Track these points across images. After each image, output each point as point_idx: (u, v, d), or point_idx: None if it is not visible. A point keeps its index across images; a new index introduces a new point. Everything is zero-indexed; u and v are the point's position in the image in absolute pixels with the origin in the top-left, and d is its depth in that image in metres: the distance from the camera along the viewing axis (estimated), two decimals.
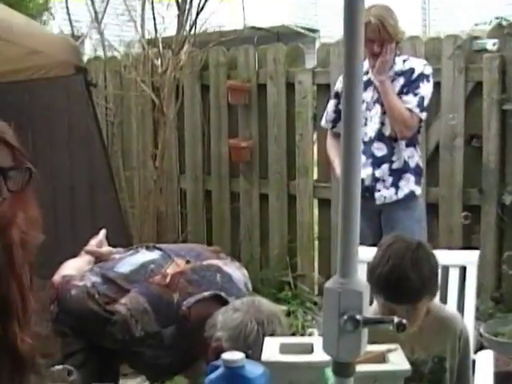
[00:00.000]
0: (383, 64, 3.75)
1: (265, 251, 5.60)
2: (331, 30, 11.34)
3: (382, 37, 3.70)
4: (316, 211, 5.49)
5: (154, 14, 5.81)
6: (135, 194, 6.04)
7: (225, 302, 2.28)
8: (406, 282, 2.09)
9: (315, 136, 5.40)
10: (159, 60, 5.64)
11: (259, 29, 11.30)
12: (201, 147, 5.91)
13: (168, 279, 2.33)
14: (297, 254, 5.44)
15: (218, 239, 5.78)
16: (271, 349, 1.69)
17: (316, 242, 5.49)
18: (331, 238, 5.21)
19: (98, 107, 5.28)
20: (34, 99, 5.56)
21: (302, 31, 14.84)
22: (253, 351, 1.99)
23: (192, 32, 5.53)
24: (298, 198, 5.42)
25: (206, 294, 2.31)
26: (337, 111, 4.12)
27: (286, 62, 5.41)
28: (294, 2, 14.98)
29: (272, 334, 2.04)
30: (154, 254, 2.49)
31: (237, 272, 2.50)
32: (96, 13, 6.05)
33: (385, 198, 3.88)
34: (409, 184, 3.89)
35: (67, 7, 6.06)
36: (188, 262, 2.42)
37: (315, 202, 5.45)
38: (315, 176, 5.45)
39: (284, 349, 1.69)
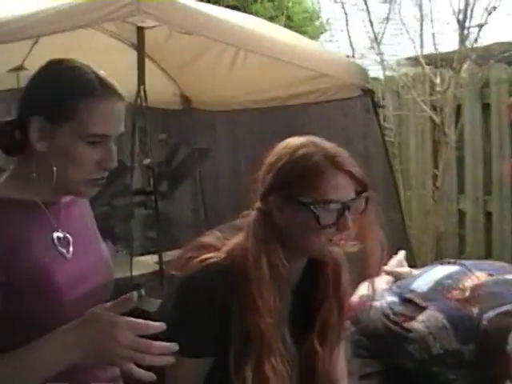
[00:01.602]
0: None
1: None
2: None
3: None
4: None
5: (433, 32, 5.77)
6: (413, 213, 6.00)
7: None
8: None
9: None
10: (438, 78, 5.57)
11: None
12: (482, 167, 5.73)
13: (467, 293, 2.23)
14: None
15: None
16: None
17: None
18: None
19: None
20: (313, 121, 5.74)
21: None
22: None
23: (473, 48, 5.40)
24: None
25: (509, 306, 2.18)
26: None
27: None
28: None
29: None
30: (451, 268, 2.41)
31: None
32: (375, 34, 6.09)
33: None
34: None
35: (347, 30, 6.18)
36: (490, 275, 2.31)
37: None
38: None
39: None
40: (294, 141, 1.74)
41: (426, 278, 2.40)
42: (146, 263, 4.32)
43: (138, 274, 3.74)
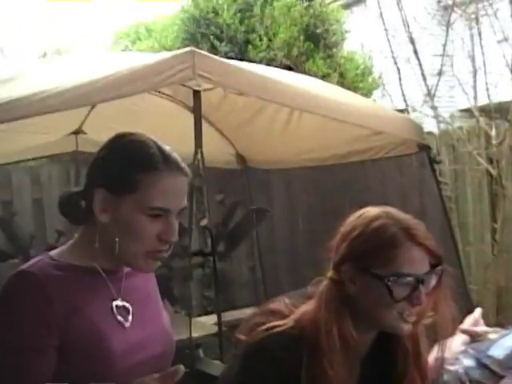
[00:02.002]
0: None
1: None
2: None
3: None
4: None
5: (486, 83, 5.74)
6: (472, 268, 5.89)
7: None
8: None
9: None
10: (493, 130, 5.51)
11: None
12: None
13: None
14: None
15: None
16: None
17: None
18: None
19: None
20: (370, 178, 5.73)
21: None
22: None
23: None
24: None
25: None
26: None
27: None
28: None
29: None
30: None
31: None
32: (428, 87, 6.08)
33: None
34: None
35: (400, 84, 6.17)
36: None
37: None
38: None
39: None
40: (370, 211, 1.74)
41: (504, 344, 2.32)
42: (204, 324, 4.32)
43: (197, 336, 3.73)
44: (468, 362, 2.27)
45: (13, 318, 1.54)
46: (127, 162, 1.64)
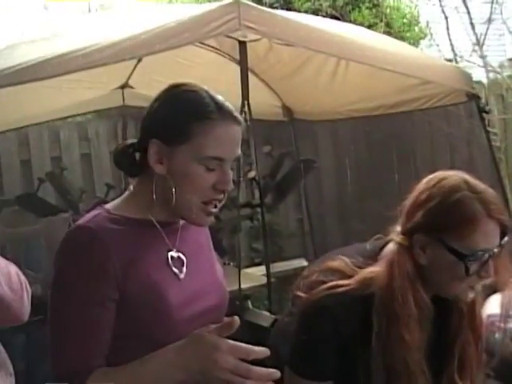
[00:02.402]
0: None
1: None
2: None
3: None
4: None
5: None
6: None
7: None
8: None
9: None
10: None
11: None
12: None
13: None
14: None
15: None
16: None
17: None
18: None
19: None
20: (417, 128, 5.66)
21: None
22: None
23: None
24: None
25: None
26: None
27: None
28: None
29: None
30: None
31: None
32: (477, 36, 5.96)
33: None
34: None
35: (448, 33, 6.06)
36: None
37: None
38: None
39: None
40: (447, 179, 1.70)
41: None
42: (252, 275, 4.34)
43: (246, 287, 3.76)
44: None
45: (72, 272, 1.57)
46: (181, 112, 1.63)
